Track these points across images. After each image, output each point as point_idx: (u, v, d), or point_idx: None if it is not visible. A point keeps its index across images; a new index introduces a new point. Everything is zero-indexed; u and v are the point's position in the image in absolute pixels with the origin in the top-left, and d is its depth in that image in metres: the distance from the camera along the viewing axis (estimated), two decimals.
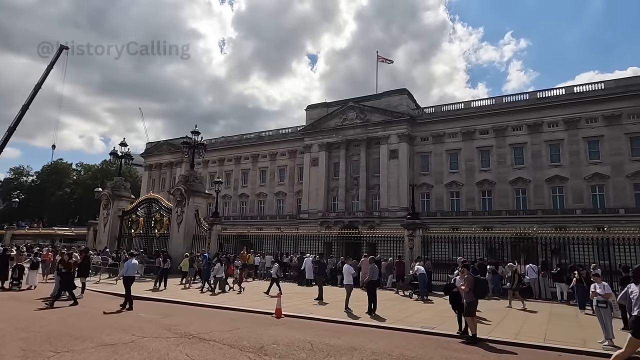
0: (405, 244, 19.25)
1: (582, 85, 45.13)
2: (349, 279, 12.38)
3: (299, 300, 14.25)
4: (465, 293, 8.73)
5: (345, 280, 12.42)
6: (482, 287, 9.06)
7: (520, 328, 10.16)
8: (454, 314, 11.15)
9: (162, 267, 16.93)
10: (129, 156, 29.55)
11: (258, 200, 62.98)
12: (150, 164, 75.84)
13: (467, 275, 8.86)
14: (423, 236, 19.47)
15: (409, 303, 14.37)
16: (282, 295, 12.62)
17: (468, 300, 8.69)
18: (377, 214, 50.01)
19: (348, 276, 12.42)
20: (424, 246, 21.87)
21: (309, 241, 24.45)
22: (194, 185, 25.31)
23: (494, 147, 47.47)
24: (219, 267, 16.41)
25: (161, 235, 26.53)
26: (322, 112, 57.90)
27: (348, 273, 12.41)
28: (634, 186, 40.61)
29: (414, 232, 19.10)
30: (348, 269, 12.50)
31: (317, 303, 13.64)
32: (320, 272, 15.21)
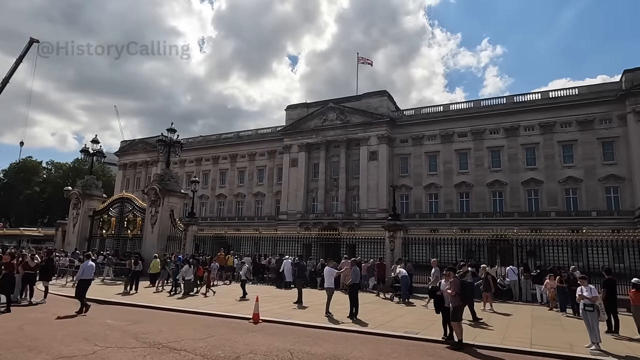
0: (386, 246, 18.96)
1: (557, 91, 46.18)
2: (330, 281, 11.94)
3: (278, 303, 13.71)
4: (452, 297, 8.42)
5: (326, 283, 11.97)
6: (469, 291, 8.76)
7: (505, 332, 9.93)
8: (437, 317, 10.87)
9: (133, 270, 16.09)
10: (101, 154, 28.35)
11: (236, 200, 61.94)
12: (124, 162, 73.73)
13: (453, 279, 8.54)
14: (404, 238, 19.24)
15: (391, 306, 14.03)
16: (259, 299, 12.01)
17: (454, 305, 8.37)
18: (357, 216, 49.85)
19: (329, 279, 11.98)
20: (403, 248, 21.77)
21: (288, 242, 23.89)
22: (169, 185, 24.41)
23: (472, 150, 48.00)
24: (187, 269, 15.74)
25: (134, 236, 25.50)
26: (302, 112, 57.42)
27: (329, 275, 11.97)
28: (605, 190, 41.71)
29: (395, 234, 18.84)
30: (329, 272, 12.02)
31: (297, 307, 13.13)
32: (299, 275, 14.71)
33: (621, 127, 41.54)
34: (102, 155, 28.51)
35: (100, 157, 28.64)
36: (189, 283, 15.76)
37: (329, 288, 11.83)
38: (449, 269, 9.02)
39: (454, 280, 8.47)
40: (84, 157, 28.19)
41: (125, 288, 16.05)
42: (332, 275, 11.90)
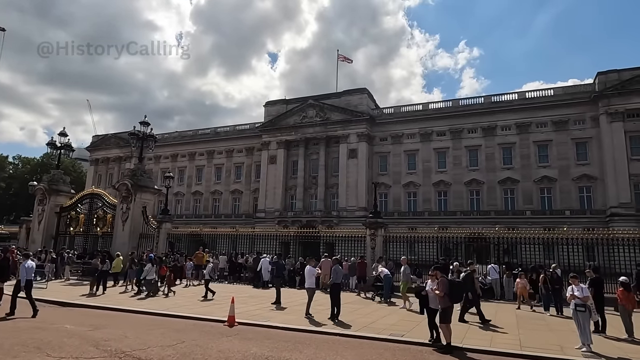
0: (366, 244, 18.51)
1: (533, 91, 46.88)
2: (310, 281, 11.35)
3: (255, 304, 13.05)
4: (440, 298, 8.00)
5: (306, 283, 11.31)
6: (458, 291, 8.33)
7: (492, 334, 9.58)
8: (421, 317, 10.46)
9: (100, 269, 15.08)
10: (69, 147, 26.88)
11: (213, 198, 60.62)
12: (96, 158, 71.20)
13: (440, 278, 8.11)
14: (385, 236, 18.84)
15: (373, 306, 13.58)
16: (235, 300, 11.33)
17: (443, 306, 7.93)
18: (336, 214, 49.44)
19: (310, 278, 11.34)
20: (383, 246, 21.43)
21: (266, 241, 23.21)
22: (142, 180, 23.30)
23: (450, 149, 48.27)
24: (149, 268, 14.92)
25: (104, 234, 24.27)
26: (281, 109, 56.60)
27: (310, 275, 11.33)
28: (578, 189, 42.58)
29: (376, 232, 18.41)
30: (310, 271, 11.41)
31: (275, 308, 12.50)
32: (278, 274, 14.06)
33: (594, 128, 42.47)
34: (70, 149, 27.05)
35: (69, 150, 27.16)
36: (150, 283, 14.93)
37: (309, 288, 11.25)
38: (436, 267, 8.56)
39: (442, 280, 8.01)
40: (51, 150, 26.63)
41: (91, 289, 15.03)
42: (313, 275, 11.33)
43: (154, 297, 14.53)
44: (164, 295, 14.97)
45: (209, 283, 15.00)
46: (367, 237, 18.55)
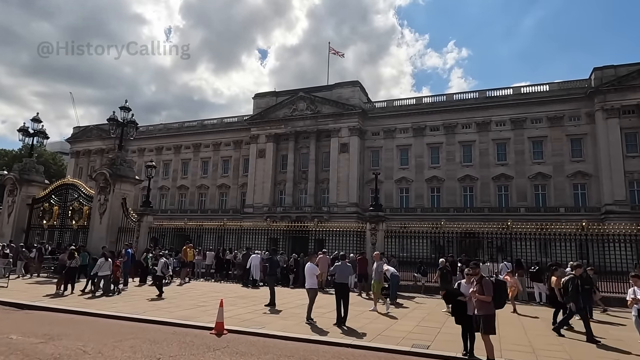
0: (366, 239, 17.15)
1: (528, 87, 46.04)
2: (312, 281, 9.89)
3: (245, 307, 11.58)
4: (484, 303, 6.63)
5: (307, 283, 9.92)
6: (503, 294, 6.92)
7: (529, 342, 8.25)
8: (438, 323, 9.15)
9: (67, 266, 13.40)
10: (42, 134, 24.91)
11: (199, 192, 58.69)
12: (77, 150, 68.50)
13: (484, 279, 6.71)
14: (387, 230, 17.52)
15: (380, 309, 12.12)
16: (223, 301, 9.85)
17: (487, 312, 6.60)
18: (326, 209, 48.04)
19: (311, 278, 9.89)
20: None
21: (254, 236, 21.62)
22: (122, 170, 21.58)
23: (443, 144, 47.29)
24: (102, 262, 13.41)
25: (80, 227, 22.48)
26: (271, 101, 54.91)
27: (311, 274, 9.87)
28: (573, 186, 41.98)
29: (377, 226, 17.07)
30: (311, 269, 9.99)
31: (269, 311, 11.05)
32: (271, 272, 12.59)
33: (589, 125, 41.88)
34: (44, 136, 25.08)
35: (43, 138, 25.19)
36: (106, 280, 13.40)
37: (311, 289, 9.83)
38: (474, 264, 7.15)
39: (487, 281, 6.63)
40: (22, 137, 24.64)
41: (57, 288, 13.36)
42: (314, 274, 9.90)
43: (112, 296, 12.97)
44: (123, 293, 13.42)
45: (161, 280, 13.42)
46: (367, 231, 17.19)
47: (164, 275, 13.70)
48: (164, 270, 13.66)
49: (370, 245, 16.61)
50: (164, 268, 13.67)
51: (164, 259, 14.11)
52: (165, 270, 13.79)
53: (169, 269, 14.14)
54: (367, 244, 16.95)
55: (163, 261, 13.84)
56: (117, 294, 13.37)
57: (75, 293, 13.24)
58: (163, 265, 13.70)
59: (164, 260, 13.92)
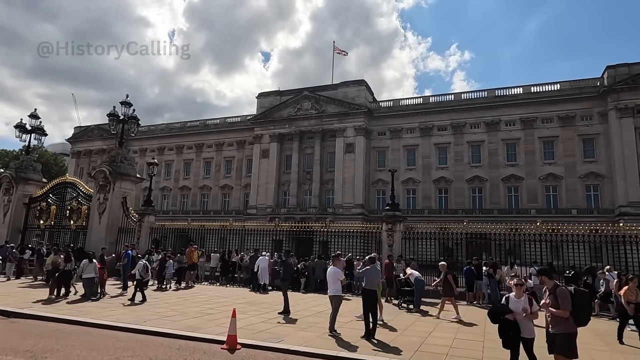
0: (383, 241, 16.07)
1: (538, 85, 44.98)
2: (336, 287, 8.54)
3: (257, 315, 10.49)
4: (560, 319, 5.35)
5: (331, 289, 8.62)
6: (586, 307, 5.47)
7: None
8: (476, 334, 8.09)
9: (62, 269, 12.38)
10: (40, 130, 23.99)
11: (201, 193, 57.74)
12: (78, 150, 67.67)
13: (560, 290, 5.41)
14: (404, 231, 16.45)
15: (405, 317, 11.06)
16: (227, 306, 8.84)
17: (565, 331, 5.29)
18: (331, 211, 46.97)
19: (335, 284, 8.53)
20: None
21: (258, 237, 20.52)
22: (122, 167, 20.61)
23: (451, 144, 46.27)
24: (86, 263, 12.44)
25: (78, 227, 21.49)
26: (275, 100, 53.97)
27: (335, 279, 8.53)
28: (585, 187, 40.89)
29: (395, 226, 16.01)
30: (335, 274, 8.60)
31: (283, 319, 9.96)
32: (285, 276, 11.32)
33: (602, 124, 40.85)
34: (42, 133, 24.14)
35: (40, 134, 24.25)
36: (90, 283, 12.37)
37: (335, 296, 8.52)
38: (542, 271, 5.96)
39: (562, 291, 5.36)
40: (19, 133, 23.69)
41: (50, 293, 12.34)
42: (338, 279, 8.66)
43: (96, 300, 11.95)
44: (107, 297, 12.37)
45: (141, 285, 12.35)
46: (383, 232, 16.12)
47: (143, 278, 12.53)
48: (142, 273, 12.47)
49: (387, 247, 15.53)
50: (142, 271, 12.50)
51: (143, 260, 12.92)
52: (144, 273, 12.58)
53: (148, 271, 12.91)
54: (383, 246, 15.88)
55: (142, 263, 12.64)
56: (100, 299, 12.31)
57: (70, 298, 12.19)
58: (142, 267, 12.49)
59: (143, 263, 12.74)
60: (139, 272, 12.44)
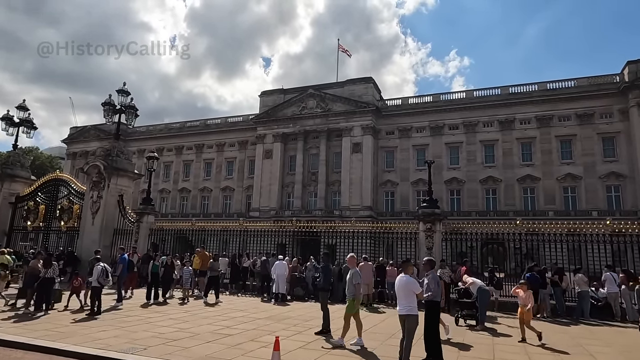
0: (420, 243, 13.95)
1: (554, 82, 43.17)
2: (411, 303, 6.23)
3: (290, 336, 8.17)
4: None
5: (402, 306, 6.29)
6: None
7: None
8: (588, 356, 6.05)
9: (42, 277, 10.17)
10: (29, 123, 21.85)
11: (201, 195, 55.61)
12: (74, 151, 65.51)
13: None
14: (445, 232, 14.35)
15: (469, 336, 8.79)
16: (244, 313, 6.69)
17: None
18: (338, 213, 44.87)
19: (409, 298, 6.23)
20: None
21: (261, 239, 18.22)
22: (119, 162, 18.52)
23: (463, 144, 44.39)
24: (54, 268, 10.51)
25: (69, 229, 19.37)
26: (278, 99, 52.03)
27: (409, 292, 6.24)
28: (606, 188, 39.03)
29: (434, 226, 13.88)
30: (409, 285, 6.31)
31: (326, 341, 7.75)
32: (325, 285, 9.12)
33: (622, 122, 39.07)
34: (30, 126, 22.03)
35: (29, 128, 22.14)
36: (53, 291, 10.50)
37: (410, 316, 6.21)
38: None
39: None
40: (6, 126, 21.58)
41: (26, 306, 10.15)
42: (413, 292, 6.29)
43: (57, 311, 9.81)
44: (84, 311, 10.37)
45: (99, 293, 10.37)
46: (420, 233, 13.98)
47: (102, 285, 10.35)
48: (100, 280, 10.36)
49: (426, 250, 13.40)
50: (100, 277, 10.31)
51: (100, 265, 10.65)
52: (103, 280, 10.36)
53: (108, 277, 10.61)
54: (420, 249, 13.76)
55: (100, 268, 10.50)
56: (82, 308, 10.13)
57: (52, 313, 10.04)
58: (100, 273, 10.39)
59: (101, 267, 10.46)
60: (97, 279, 10.27)
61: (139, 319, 9.60)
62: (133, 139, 58.34)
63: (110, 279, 10.80)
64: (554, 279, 11.83)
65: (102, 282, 10.35)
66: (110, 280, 10.73)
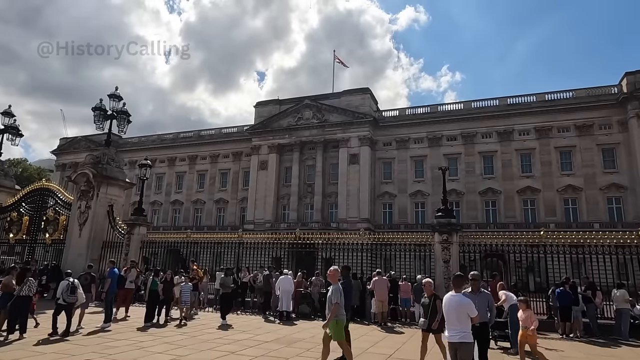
0: (436, 256, 12.93)
1: (553, 93, 42.96)
2: (464, 328, 5.14)
3: (304, 358, 7.21)
4: None
5: (454, 332, 5.17)
6: None
7: None
8: None
9: (17, 295, 8.89)
10: (14, 130, 20.70)
11: (194, 208, 54.26)
12: (63, 163, 63.96)
13: None
14: (462, 243, 13.38)
15: None
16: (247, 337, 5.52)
17: None
18: (335, 225, 43.81)
19: (462, 322, 5.15)
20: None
21: (258, 253, 17.13)
22: (109, 170, 17.42)
23: (462, 155, 43.82)
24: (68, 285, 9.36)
25: (54, 241, 18.12)
26: (274, 109, 51.27)
27: (463, 316, 5.16)
28: (607, 200, 38.52)
29: (450, 237, 12.94)
30: (462, 306, 5.20)
31: None
32: (346, 306, 7.23)
33: (622, 133, 38.81)
34: (16, 133, 20.86)
35: (14, 135, 20.97)
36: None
37: (463, 344, 5.10)
38: None
39: None
40: None
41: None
42: (467, 314, 5.15)
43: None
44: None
45: (66, 312, 9.26)
46: (436, 245, 13.01)
47: (67, 303, 9.16)
48: (65, 296, 9.23)
49: (442, 263, 12.42)
50: (65, 293, 9.22)
51: (67, 280, 9.53)
52: (68, 296, 9.15)
53: (74, 293, 9.36)
54: (437, 262, 12.77)
55: (65, 283, 9.36)
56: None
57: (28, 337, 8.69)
58: (64, 288, 9.28)
59: (67, 283, 9.33)
60: (61, 296, 9.12)
61: (128, 344, 8.42)
62: (125, 150, 57.12)
63: (78, 296, 9.49)
64: (587, 294, 10.89)
65: (67, 299, 9.13)
66: (76, 297, 9.43)
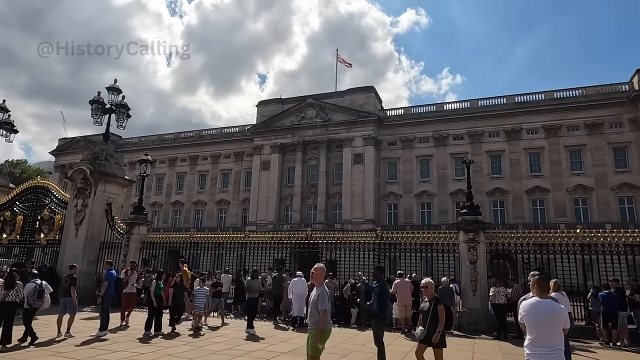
0: (462, 256, 11.87)
1: (562, 91, 42.04)
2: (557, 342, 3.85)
3: None
4: None
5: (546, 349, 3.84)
6: None
7: None
8: None
9: (2, 300, 7.93)
10: (8, 125, 19.77)
11: (195, 209, 53.29)
12: (62, 163, 62.83)
13: None
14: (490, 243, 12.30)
15: None
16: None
17: None
18: (339, 226, 42.77)
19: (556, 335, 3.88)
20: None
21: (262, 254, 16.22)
22: (107, 166, 16.49)
23: (469, 155, 42.42)
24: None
25: (49, 241, 17.17)
26: (276, 109, 50.37)
27: (556, 325, 3.91)
28: (618, 200, 37.57)
29: (477, 236, 11.88)
30: (558, 316, 3.93)
31: None
32: (380, 312, 6.88)
33: (633, 132, 37.90)
34: (11, 129, 19.92)
35: (9, 131, 20.02)
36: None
37: None
38: None
39: None
40: None
41: None
42: (561, 327, 3.94)
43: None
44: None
45: (31, 318, 8.36)
46: (461, 244, 11.97)
47: (32, 308, 8.37)
48: (30, 301, 8.38)
49: (469, 264, 11.43)
50: (30, 298, 8.35)
51: (34, 282, 8.59)
52: (33, 301, 8.16)
53: (42, 297, 8.34)
54: (462, 263, 11.79)
55: (32, 286, 8.50)
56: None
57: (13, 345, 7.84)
58: (31, 292, 8.42)
59: (34, 285, 8.47)
60: (27, 300, 8.25)
61: (125, 357, 7.48)
62: (124, 150, 56.14)
63: (44, 300, 8.49)
64: (635, 298, 9.92)
65: (32, 303, 8.16)
66: (42, 302, 8.43)
